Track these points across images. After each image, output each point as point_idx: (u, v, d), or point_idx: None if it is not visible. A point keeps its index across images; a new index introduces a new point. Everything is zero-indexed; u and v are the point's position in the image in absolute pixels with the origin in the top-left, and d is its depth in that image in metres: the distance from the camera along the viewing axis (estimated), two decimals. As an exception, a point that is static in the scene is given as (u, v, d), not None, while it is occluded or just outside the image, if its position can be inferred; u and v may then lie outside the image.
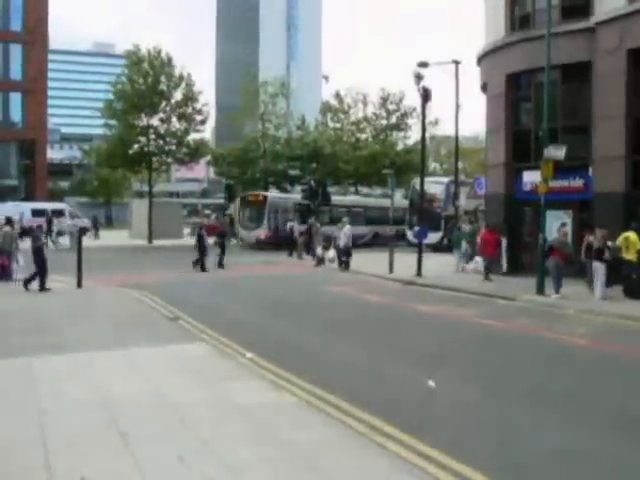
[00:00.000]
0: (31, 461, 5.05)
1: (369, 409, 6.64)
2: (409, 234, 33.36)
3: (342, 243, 23.51)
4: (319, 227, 28.26)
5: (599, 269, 15.25)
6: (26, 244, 17.87)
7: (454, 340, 11.07)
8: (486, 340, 11.20)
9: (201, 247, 22.12)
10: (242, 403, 6.66)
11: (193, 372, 8.01)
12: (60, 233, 34.92)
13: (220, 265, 23.02)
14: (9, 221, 18.52)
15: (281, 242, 32.75)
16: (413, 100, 50.75)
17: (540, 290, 15.83)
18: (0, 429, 5.80)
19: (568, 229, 17.54)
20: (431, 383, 6.59)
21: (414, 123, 50.08)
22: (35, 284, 15.52)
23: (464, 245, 23.01)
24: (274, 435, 5.75)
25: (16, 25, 48.41)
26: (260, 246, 33.73)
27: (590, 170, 18.76)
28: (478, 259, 20.43)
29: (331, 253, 25.08)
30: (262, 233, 34.09)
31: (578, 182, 19.08)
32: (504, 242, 20.12)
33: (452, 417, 6.71)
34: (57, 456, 5.14)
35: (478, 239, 20.65)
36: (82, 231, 22.46)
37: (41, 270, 15.53)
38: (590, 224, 17.07)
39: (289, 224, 31.66)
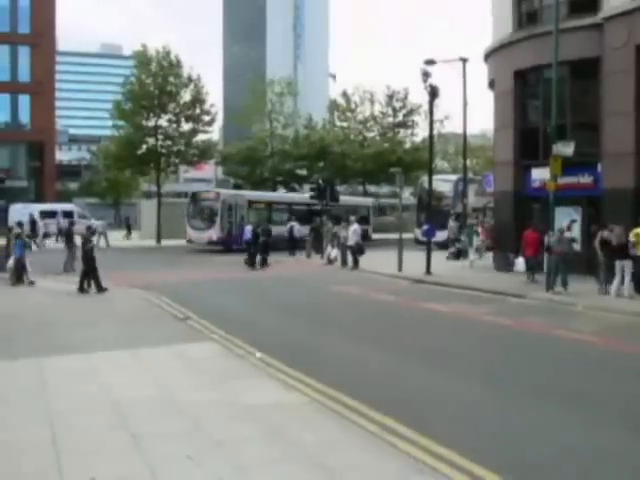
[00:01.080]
0: (42, 462, 5.08)
1: (379, 408, 6.63)
2: (417, 232, 33.21)
3: (352, 241, 23.43)
4: (331, 226, 27.98)
5: (626, 266, 14.98)
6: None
7: (463, 338, 11.03)
8: (493, 338, 11.14)
9: (257, 244, 23.61)
10: (252, 402, 6.67)
11: (203, 372, 8.03)
12: (46, 235, 34.96)
13: (265, 263, 24.02)
14: (20, 224, 19.36)
15: (232, 245, 30.01)
16: (418, 97, 50.67)
17: (549, 287, 15.78)
18: (11, 430, 5.83)
19: (573, 225, 17.40)
20: None
21: (421, 120, 49.97)
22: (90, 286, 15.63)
23: (476, 240, 22.90)
24: (284, 434, 5.75)
25: (24, 27, 48.53)
26: (210, 248, 31.29)
27: (599, 166, 18.65)
28: (520, 260, 19.25)
29: (334, 252, 25.05)
30: (214, 234, 31.19)
31: (587, 179, 18.99)
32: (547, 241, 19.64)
33: (461, 415, 6.68)
34: (68, 457, 5.17)
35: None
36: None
37: (91, 271, 15.54)
38: (602, 221, 16.92)
39: (289, 224, 31.13)
